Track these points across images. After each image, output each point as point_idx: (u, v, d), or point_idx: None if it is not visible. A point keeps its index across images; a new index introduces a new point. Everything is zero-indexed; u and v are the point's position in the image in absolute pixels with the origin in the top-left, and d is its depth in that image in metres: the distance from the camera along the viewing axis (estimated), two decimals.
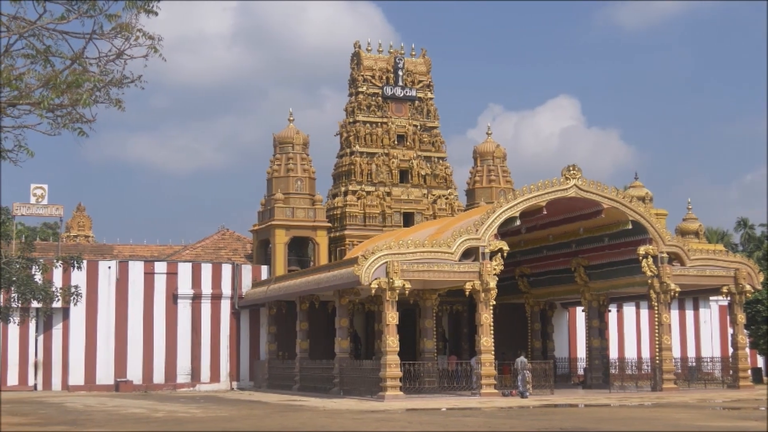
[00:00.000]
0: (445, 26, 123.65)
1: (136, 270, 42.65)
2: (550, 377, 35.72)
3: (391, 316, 31.67)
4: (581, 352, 44.75)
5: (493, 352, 32.84)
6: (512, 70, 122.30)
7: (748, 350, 39.63)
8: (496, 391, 32.88)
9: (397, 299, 31.79)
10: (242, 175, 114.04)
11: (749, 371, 38.60)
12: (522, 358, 34.52)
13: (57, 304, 32.24)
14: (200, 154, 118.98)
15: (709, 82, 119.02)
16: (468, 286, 32.64)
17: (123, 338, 41.99)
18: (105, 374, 41.57)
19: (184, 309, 42.89)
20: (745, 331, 39.05)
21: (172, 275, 42.97)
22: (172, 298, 42.83)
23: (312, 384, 37.79)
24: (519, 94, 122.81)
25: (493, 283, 32.56)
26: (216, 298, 43.31)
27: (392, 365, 31.66)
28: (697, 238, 50.85)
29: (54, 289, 26.55)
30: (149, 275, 42.72)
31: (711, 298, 48.51)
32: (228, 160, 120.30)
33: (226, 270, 43.81)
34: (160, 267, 43.13)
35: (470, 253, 32.86)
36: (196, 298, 43.05)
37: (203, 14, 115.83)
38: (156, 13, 13.07)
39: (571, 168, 34.20)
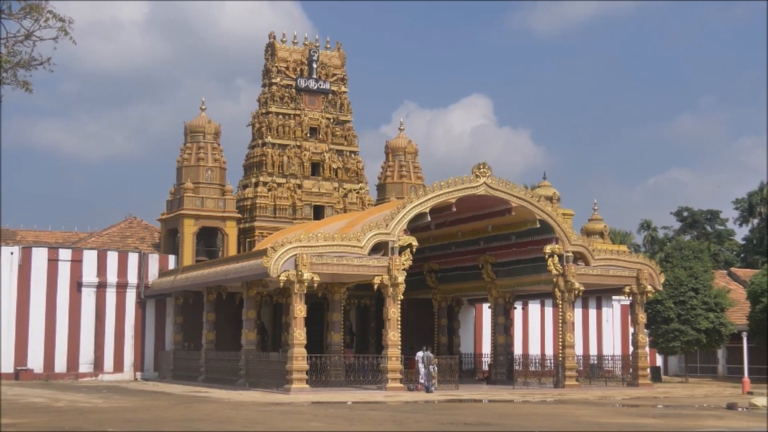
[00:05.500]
0: (362, 22, 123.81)
1: (40, 256, 41.72)
2: (456, 372, 36.05)
3: (299, 309, 31.62)
4: (486, 348, 45.27)
5: (399, 347, 33.03)
6: (427, 67, 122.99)
7: (647, 349, 40.62)
8: (402, 385, 33.10)
9: (305, 292, 31.77)
10: (153, 164, 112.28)
11: (648, 370, 39.63)
12: (428, 353, 34.76)
13: None
14: (111, 142, 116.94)
15: (617, 86, 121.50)
16: (376, 280, 32.76)
17: (24, 326, 41.02)
18: (4, 362, 40.45)
19: (88, 297, 42.12)
20: (645, 330, 39.98)
21: (76, 263, 42.13)
22: (76, 285, 42.01)
23: (218, 376, 37.51)
24: (433, 91, 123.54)
25: (401, 278, 32.74)
26: (121, 286, 42.66)
27: (299, 358, 31.64)
28: (602, 238, 51.86)
29: None
30: (53, 262, 41.82)
31: (614, 297, 49.51)
32: (139, 148, 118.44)
33: (133, 259, 43.16)
34: (65, 254, 42.27)
35: (380, 248, 32.97)
36: (101, 287, 42.32)
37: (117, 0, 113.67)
38: None
39: (481, 166, 34.54)
